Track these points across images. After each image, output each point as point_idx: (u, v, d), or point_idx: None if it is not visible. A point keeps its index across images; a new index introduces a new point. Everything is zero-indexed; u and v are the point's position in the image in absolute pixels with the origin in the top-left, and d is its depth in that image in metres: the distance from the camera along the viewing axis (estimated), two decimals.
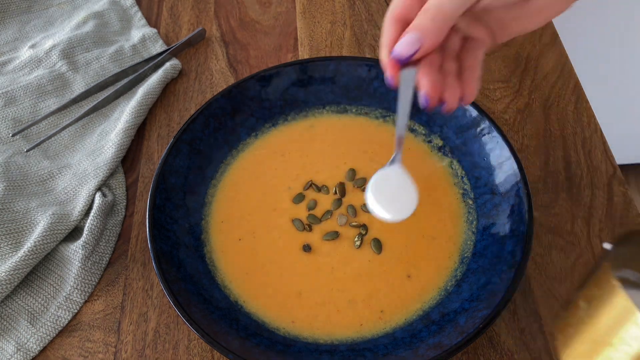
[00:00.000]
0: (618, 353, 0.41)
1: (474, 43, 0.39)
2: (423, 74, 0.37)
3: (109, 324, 0.45)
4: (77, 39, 0.63)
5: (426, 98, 0.38)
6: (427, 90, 0.37)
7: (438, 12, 0.34)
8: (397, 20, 0.36)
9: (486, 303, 0.40)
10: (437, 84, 0.38)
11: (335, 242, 0.47)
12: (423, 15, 0.34)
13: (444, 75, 0.39)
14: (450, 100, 0.38)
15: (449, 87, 0.38)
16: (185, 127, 0.50)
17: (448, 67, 0.39)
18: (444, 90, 0.38)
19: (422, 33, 0.34)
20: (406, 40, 0.35)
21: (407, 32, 0.35)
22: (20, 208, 0.50)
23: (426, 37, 0.34)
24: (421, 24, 0.34)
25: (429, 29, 0.34)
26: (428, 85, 0.37)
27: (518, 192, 0.44)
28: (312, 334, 0.42)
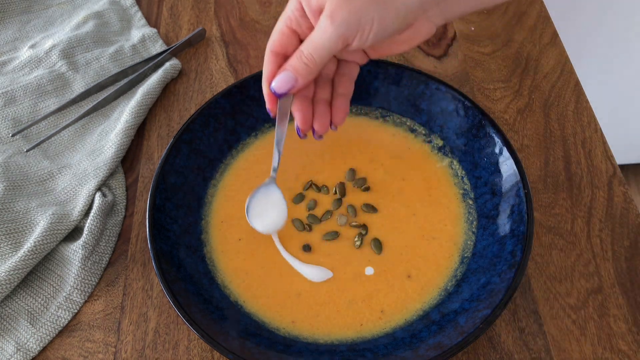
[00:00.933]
0: None
1: (349, 65, 0.45)
2: (295, 108, 0.44)
3: (109, 324, 0.45)
4: (77, 39, 0.63)
5: (298, 129, 0.45)
6: (299, 123, 0.44)
7: (310, 59, 0.39)
8: (275, 54, 0.41)
9: (486, 303, 0.40)
10: (307, 117, 0.44)
11: (335, 242, 0.47)
12: (297, 58, 0.39)
13: (316, 105, 0.45)
14: (319, 128, 0.45)
15: (319, 118, 0.45)
16: (185, 127, 0.50)
17: (320, 96, 0.45)
18: (314, 121, 0.45)
19: (296, 74, 0.39)
20: (282, 79, 0.40)
21: (283, 70, 0.40)
22: (20, 208, 0.50)
23: (300, 77, 0.39)
24: (295, 66, 0.39)
25: (302, 72, 0.39)
26: (299, 118, 0.44)
27: (518, 192, 0.44)
28: (312, 334, 0.42)
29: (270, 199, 0.46)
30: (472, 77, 0.59)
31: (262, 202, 0.46)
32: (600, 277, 0.45)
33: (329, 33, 0.37)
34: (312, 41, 0.38)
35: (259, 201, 0.46)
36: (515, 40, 0.63)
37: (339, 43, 0.37)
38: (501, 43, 0.63)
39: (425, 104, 0.52)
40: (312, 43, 0.38)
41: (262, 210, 0.46)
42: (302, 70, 0.39)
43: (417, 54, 0.62)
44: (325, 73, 0.45)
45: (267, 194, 0.46)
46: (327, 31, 0.37)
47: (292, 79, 0.39)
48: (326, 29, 0.37)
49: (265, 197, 0.46)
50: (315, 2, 0.37)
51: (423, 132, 0.53)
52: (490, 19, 0.65)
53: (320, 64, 0.39)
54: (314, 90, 0.45)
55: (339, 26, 0.36)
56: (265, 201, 0.46)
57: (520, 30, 0.64)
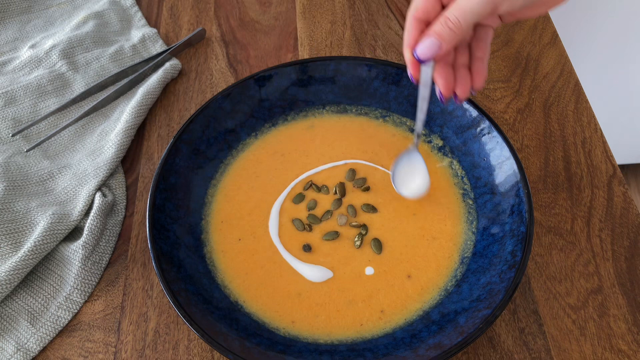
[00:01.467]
0: None
1: (485, 29, 0.44)
2: (438, 74, 0.43)
3: (109, 324, 0.45)
4: (77, 39, 0.63)
5: (441, 95, 0.44)
6: (442, 88, 0.43)
7: (457, 24, 0.38)
8: (418, 20, 0.40)
9: (486, 303, 0.40)
10: (449, 81, 0.43)
11: (335, 242, 0.47)
12: (443, 23, 0.38)
13: (456, 70, 0.44)
14: (461, 93, 0.44)
15: (460, 81, 0.44)
16: (185, 127, 0.50)
17: (460, 61, 0.44)
18: (455, 86, 0.44)
19: (441, 39, 0.39)
20: (427, 44, 0.39)
21: (428, 36, 0.39)
22: (20, 208, 0.50)
23: (444, 43, 0.39)
24: (441, 32, 0.38)
25: (447, 37, 0.38)
26: (442, 84, 0.43)
27: (518, 192, 0.44)
28: (312, 334, 0.42)
29: (414, 166, 0.48)
30: None
31: (405, 169, 0.49)
32: (600, 277, 0.45)
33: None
34: (459, 6, 0.37)
35: (403, 168, 0.49)
36: (515, 40, 0.63)
37: (488, 8, 0.37)
38: (501, 43, 0.63)
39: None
40: (460, 8, 0.37)
41: (406, 177, 0.49)
42: (447, 36, 0.38)
43: None
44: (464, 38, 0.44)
45: (410, 161, 0.49)
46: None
47: (436, 44, 0.39)
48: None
49: (409, 163, 0.49)
50: None
51: (423, 132, 0.53)
52: None
53: (466, 29, 0.38)
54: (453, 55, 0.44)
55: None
56: (409, 168, 0.48)
57: (520, 30, 0.64)
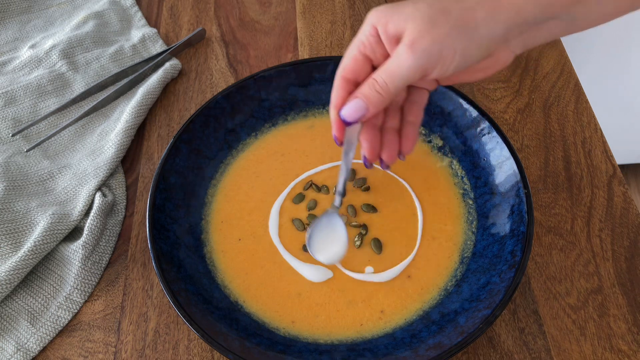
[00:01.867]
0: None
1: (419, 92, 0.43)
2: (363, 137, 0.42)
3: (109, 324, 0.45)
4: (77, 39, 0.63)
5: (365, 159, 0.43)
6: (366, 152, 0.43)
7: (385, 88, 0.37)
8: (346, 80, 0.39)
9: (486, 303, 0.40)
10: (375, 145, 0.42)
11: None
12: (370, 86, 0.37)
13: (384, 133, 0.43)
14: (387, 158, 0.43)
15: (387, 146, 0.43)
16: (185, 127, 0.50)
17: (389, 124, 0.43)
18: (382, 151, 0.43)
19: (368, 102, 0.37)
20: (353, 107, 0.38)
21: (355, 98, 0.38)
22: (20, 208, 0.50)
23: (371, 106, 0.37)
24: (367, 94, 0.37)
25: (374, 101, 0.37)
26: (367, 147, 0.42)
27: (518, 192, 0.44)
28: (312, 334, 0.42)
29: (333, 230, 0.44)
30: None
31: (323, 232, 0.44)
32: (600, 277, 0.45)
33: (409, 63, 0.35)
34: (388, 70, 0.36)
35: (321, 230, 0.44)
36: None
37: (418, 74, 0.36)
38: None
39: None
40: (388, 72, 0.36)
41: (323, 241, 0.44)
42: (375, 99, 0.37)
43: None
44: (396, 101, 0.43)
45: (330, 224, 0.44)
46: (407, 61, 0.35)
47: (363, 107, 0.37)
48: (406, 59, 0.35)
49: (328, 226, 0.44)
50: (394, 28, 0.35)
51: (423, 132, 0.53)
52: None
53: (395, 93, 0.37)
54: (382, 118, 0.43)
55: (420, 57, 0.35)
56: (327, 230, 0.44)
57: None
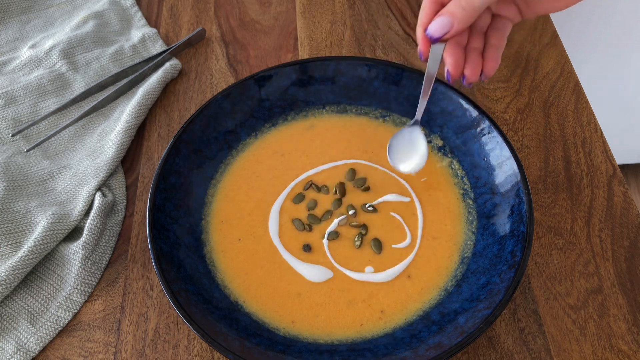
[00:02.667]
0: None
1: (502, 21, 0.45)
2: (448, 53, 0.44)
3: (109, 324, 0.45)
4: (77, 39, 0.63)
5: (448, 74, 0.44)
6: (450, 67, 0.44)
7: (468, 4, 0.39)
8: (434, 1, 0.41)
9: (486, 303, 0.40)
10: (459, 62, 0.44)
11: (335, 242, 0.47)
12: (456, 3, 0.39)
13: (468, 52, 0.45)
14: (470, 75, 0.44)
15: (470, 64, 0.44)
16: (185, 127, 0.50)
17: (473, 45, 0.45)
18: (465, 67, 0.44)
19: (452, 18, 0.40)
20: (439, 23, 0.40)
21: (440, 15, 0.40)
22: (20, 208, 0.50)
23: (456, 22, 0.40)
24: (453, 11, 0.40)
25: (458, 16, 0.39)
26: (451, 63, 0.44)
27: (518, 192, 0.44)
28: (312, 334, 0.43)
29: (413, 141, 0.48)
30: None
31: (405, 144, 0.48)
32: (600, 277, 0.45)
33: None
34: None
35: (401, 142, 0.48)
36: (515, 40, 0.63)
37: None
38: None
39: None
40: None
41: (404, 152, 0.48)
42: (460, 15, 0.39)
43: (417, 54, 0.62)
44: (480, 25, 0.45)
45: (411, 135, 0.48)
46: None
47: (448, 23, 0.40)
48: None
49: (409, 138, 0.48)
50: None
51: (423, 132, 0.53)
52: None
53: (479, 9, 0.39)
54: (467, 38, 0.45)
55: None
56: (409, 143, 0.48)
57: (520, 30, 0.64)
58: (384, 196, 0.49)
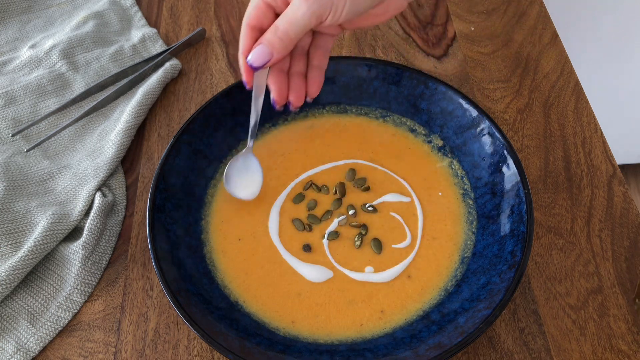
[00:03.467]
0: None
1: (324, 38, 0.46)
2: (271, 81, 0.45)
3: (109, 324, 0.45)
4: (77, 39, 0.63)
5: (274, 102, 0.46)
6: (274, 95, 0.45)
7: (284, 34, 0.40)
8: (251, 28, 0.42)
9: (486, 303, 0.40)
10: (282, 88, 0.45)
11: (335, 242, 0.47)
12: (272, 33, 0.40)
13: (291, 77, 0.46)
14: (295, 101, 0.46)
15: (294, 90, 0.46)
16: (185, 127, 0.50)
17: (296, 69, 0.46)
18: (289, 94, 0.46)
19: (271, 48, 0.40)
20: (258, 52, 0.41)
21: (259, 44, 0.41)
22: (20, 208, 0.50)
23: (275, 52, 0.40)
24: (271, 40, 0.40)
25: (276, 46, 0.40)
26: (275, 90, 0.45)
27: (518, 192, 0.44)
28: (312, 334, 0.42)
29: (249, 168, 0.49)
30: (472, 77, 0.59)
31: (241, 171, 0.49)
32: (600, 277, 0.45)
33: (303, 10, 0.38)
34: (287, 17, 0.39)
35: (238, 170, 0.49)
36: (515, 40, 0.63)
37: (313, 20, 0.39)
38: (501, 43, 0.63)
39: (425, 104, 0.52)
40: (287, 19, 0.39)
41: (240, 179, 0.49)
42: (278, 45, 0.40)
43: (417, 54, 0.62)
44: (301, 45, 0.46)
45: (246, 162, 0.49)
46: (301, 9, 0.38)
47: (267, 53, 0.40)
48: (300, 7, 0.38)
49: (244, 165, 0.49)
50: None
51: (423, 132, 0.53)
52: (490, 19, 0.65)
53: (295, 39, 0.40)
54: (289, 63, 0.46)
55: (312, 4, 0.38)
56: (245, 170, 0.49)
57: (520, 30, 0.64)
58: (384, 196, 0.49)
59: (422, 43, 0.63)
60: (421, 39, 0.64)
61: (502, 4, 0.67)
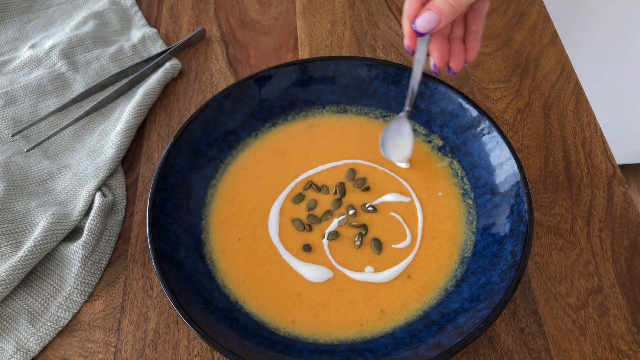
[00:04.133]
0: None
1: (482, 1, 0.45)
2: (433, 46, 0.45)
3: (109, 324, 0.45)
4: (77, 39, 0.63)
5: (435, 67, 0.45)
6: (436, 61, 0.45)
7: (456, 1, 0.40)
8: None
9: (486, 303, 0.40)
10: (444, 54, 0.45)
11: (335, 242, 0.47)
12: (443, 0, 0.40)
13: (451, 43, 0.46)
14: (455, 66, 0.46)
15: (454, 55, 0.45)
16: (185, 127, 0.50)
17: (456, 34, 0.46)
18: (450, 59, 0.46)
19: (440, 14, 0.40)
20: (426, 18, 0.41)
21: (428, 10, 0.41)
22: (20, 208, 0.50)
23: (443, 18, 0.40)
24: (441, 7, 0.40)
25: (446, 12, 0.40)
26: (437, 57, 0.45)
27: (518, 192, 0.44)
28: (312, 334, 0.42)
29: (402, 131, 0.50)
30: (472, 77, 0.59)
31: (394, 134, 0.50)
32: (600, 277, 0.45)
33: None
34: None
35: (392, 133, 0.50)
36: (515, 40, 0.63)
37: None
38: (501, 43, 0.63)
39: (425, 104, 0.52)
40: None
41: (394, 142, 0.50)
42: (447, 12, 0.40)
43: None
44: None
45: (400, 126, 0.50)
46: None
47: (435, 19, 0.40)
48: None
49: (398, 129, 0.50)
50: None
51: (423, 132, 0.53)
52: (490, 19, 0.65)
53: (467, 6, 0.40)
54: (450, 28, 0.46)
55: None
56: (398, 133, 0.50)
57: (520, 30, 0.64)
58: (384, 196, 0.49)
59: None
60: None
61: (502, 4, 0.67)
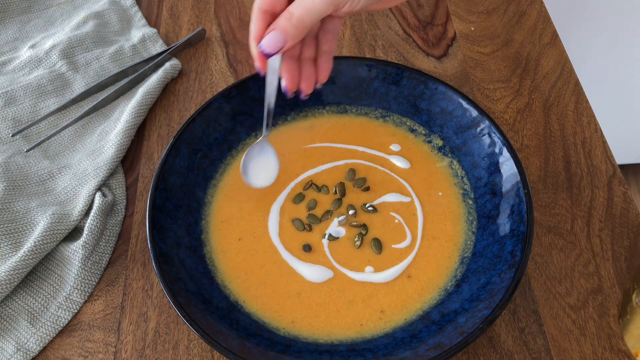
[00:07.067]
0: None
1: (333, 21, 0.44)
2: (283, 69, 0.44)
3: (109, 324, 0.45)
4: (77, 39, 0.63)
5: (285, 89, 0.45)
6: (287, 83, 0.45)
7: (299, 21, 0.38)
8: (263, 12, 0.40)
9: (486, 303, 0.40)
10: (294, 76, 0.44)
11: (335, 242, 0.47)
12: (286, 19, 0.39)
13: (302, 64, 0.45)
14: (305, 88, 0.45)
15: (305, 76, 0.45)
16: (185, 127, 0.50)
17: (306, 54, 0.45)
18: (301, 81, 0.45)
19: (285, 34, 0.39)
20: (271, 39, 0.39)
21: (272, 30, 0.39)
22: (20, 208, 0.50)
23: (289, 38, 0.39)
24: (284, 27, 0.39)
25: (291, 32, 0.39)
26: (287, 79, 0.44)
27: (518, 192, 0.44)
28: (312, 334, 0.42)
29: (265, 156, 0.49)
30: (472, 77, 0.59)
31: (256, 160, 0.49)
32: (600, 277, 0.45)
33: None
34: (303, 3, 0.38)
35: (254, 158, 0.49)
36: (515, 40, 0.63)
37: (330, 8, 0.38)
38: (501, 43, 0.63)
39: (425, 104, 0.52)
40: (303, 5, 0.38)
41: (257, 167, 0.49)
42: (292, 32, 0.39)
43: (417, 54, 0.62)
44: (311, 30, 0.44)
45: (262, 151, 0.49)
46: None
47: (281, 40, 0.39)
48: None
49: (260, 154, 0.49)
50: None
51: (423, 132, 0.53)
52: (490, 19, 0.65)
53: (310, 26, 0.39)
54: (300, 49, 0.45)
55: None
56: (259, 158, 0.49)
57: (520, 30, 0.64)
58: (384, 196, 0.49)
59: (422, 43, 0.63)
60: (421, 39, 0.64)
61: (502, 4, 0.67)
